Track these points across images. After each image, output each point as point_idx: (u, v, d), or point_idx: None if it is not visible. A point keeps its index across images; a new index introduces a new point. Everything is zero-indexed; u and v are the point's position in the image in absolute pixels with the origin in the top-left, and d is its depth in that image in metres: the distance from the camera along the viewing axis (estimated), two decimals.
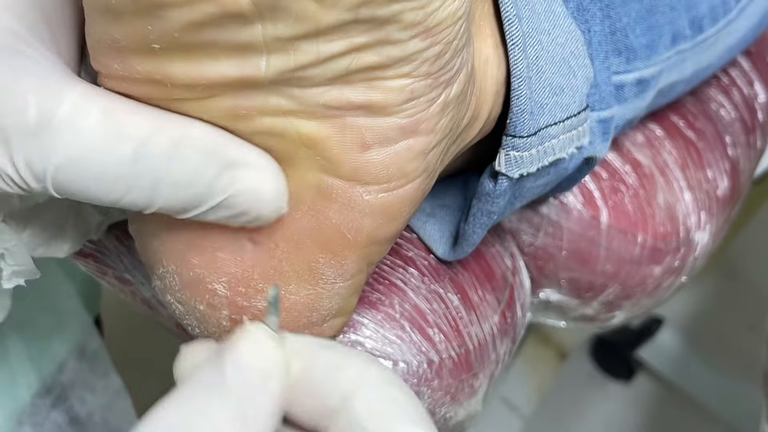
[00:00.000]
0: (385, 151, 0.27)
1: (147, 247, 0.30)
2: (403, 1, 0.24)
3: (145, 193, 0.25)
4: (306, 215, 0.28)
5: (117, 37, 0.24)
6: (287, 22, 0.23)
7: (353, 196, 0.27)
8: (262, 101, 0.25)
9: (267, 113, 0.26)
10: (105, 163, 0.24)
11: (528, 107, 0.34)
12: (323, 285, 0.29)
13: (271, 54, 0.24)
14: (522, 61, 0.33)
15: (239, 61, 0.24)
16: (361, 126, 0.26)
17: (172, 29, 0.23)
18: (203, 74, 0.24)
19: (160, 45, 0.24)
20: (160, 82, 0.25)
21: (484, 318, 0.43)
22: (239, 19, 0.23)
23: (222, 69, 0.24)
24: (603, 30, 0.38)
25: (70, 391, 0.50)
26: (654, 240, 0.49)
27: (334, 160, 0.27)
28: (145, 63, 0.24)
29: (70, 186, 0.24)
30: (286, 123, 0.26)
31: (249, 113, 0.26)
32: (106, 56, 0.25)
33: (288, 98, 0.25)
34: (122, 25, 0.24)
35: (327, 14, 0.23)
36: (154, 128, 0.24)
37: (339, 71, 0.25)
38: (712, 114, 0.54)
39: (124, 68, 0.25)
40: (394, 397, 0.24)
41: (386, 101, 0.26)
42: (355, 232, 0.28)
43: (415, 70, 0.26)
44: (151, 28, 0.23)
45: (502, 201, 0.36)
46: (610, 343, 1.14)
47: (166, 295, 0.31)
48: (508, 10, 0.33)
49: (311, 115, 0.26)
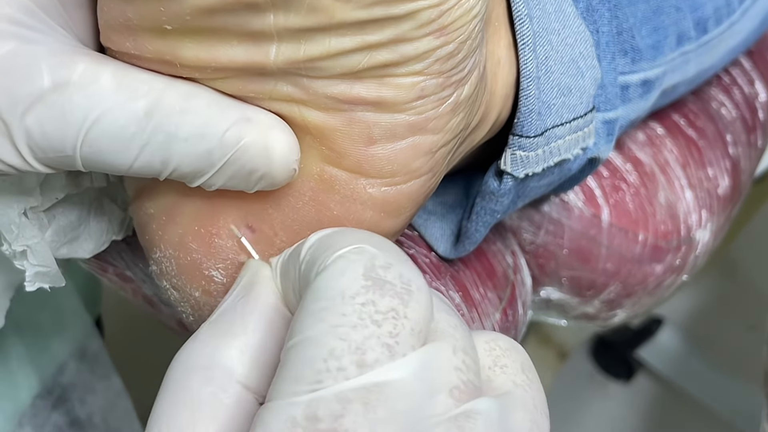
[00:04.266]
0: (391, 147, 0.27)
1: (145, 230, 0.30)
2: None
3: (160, 152, 0.25)
4: (307, 205, 0.28)
5: (130, 15, 0.24)
6: (299, 13, 0.23)
7: (356, 188, 0.27)
8: (271, 87, 0.25)
9: (275, 98, 0.26)
10: (119, 121, 0.24)
11: (536, 107, 0.34)
12: None
13: (281, 43, 0.24)
14: (532, 61, 0.33)
15: (249, 46, 0.24)
16: (369, 121, 0.26)
17: (184, 12, 0.23)
18: (213, 57, 0.24)
19: (172, 26, 0.24)
20: (170, 62, 0.25)
21: (486, 316, 0.43)
22: (252, 7, 0.23)
23: (232, 53, 0.24)
24: (611, 30, 0.38)
25: (71, 392, 0.50)
26: (655, 238, 0.49)
27: (339, 152, 0.27)
28: (156, 42, 0.25)
29: (87, 150, 0.25)
30: (294, 109, 0.26)
31: (257, 97, 0.26)
32: (118, 34, 0.25)
33: (297, 87, 0.25)
34: (136, 4, 0.24)
35: (341, 9, 0.23)
36: (165, 85, 0.25)
37: (350, 67, 0.25)
38: (713, 113, 0.54)
39: (135, 46, 0.25)
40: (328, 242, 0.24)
41: (396, 98, 0.26)
42: (355, 224, 0.28)
43: (428, 68, 0.26)
44: (163, 9, 0.23)
45: (506, 200, 0.36)
46: (610, 343, 1.14)
47: (162, 281, 0.31)
48: (520, 9, 0.33)
49: (319, 105, 0.26)
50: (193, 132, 0.25)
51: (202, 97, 0.25)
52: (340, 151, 0.27)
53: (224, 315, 0.25)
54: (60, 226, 0.32)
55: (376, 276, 0.22)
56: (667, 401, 1.12)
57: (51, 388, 0.49)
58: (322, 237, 0.24)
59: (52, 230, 0.32)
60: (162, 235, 0.29)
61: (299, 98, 0.26)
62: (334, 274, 0.22)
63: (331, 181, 0.27)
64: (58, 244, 0.32)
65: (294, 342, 0.22)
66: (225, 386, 0.24)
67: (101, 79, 0.24)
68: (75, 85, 0.24)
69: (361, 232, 0.25)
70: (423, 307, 0.22)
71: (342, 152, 0.27)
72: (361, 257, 0.23)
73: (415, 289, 0.22)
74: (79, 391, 0.50)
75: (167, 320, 0.44)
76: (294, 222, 0.28)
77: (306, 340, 0.21)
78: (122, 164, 0.25)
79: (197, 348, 0.24)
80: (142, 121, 0.24)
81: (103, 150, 0.25)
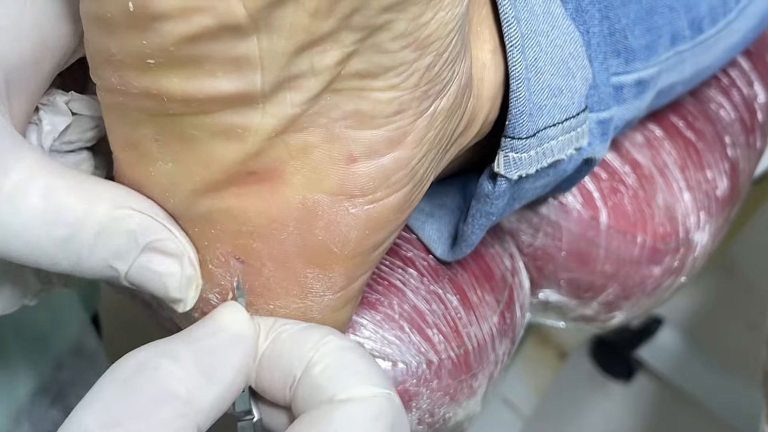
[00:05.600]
0: (372, 164, 0.27)
1: None
2: (394, 11, 0.24)
3: (72, 264, 0.26)
4: (291, 235, 0.28)
5: (113, 50, 0.24)
6: (282, 34, 0.23)
7: (339, 210, 0.27)
8: (258, 121, 0.25)
9: (260, 133, 0.26)
10: (39, 240, 0.25)
11: (527, 109, 0.33)
12: (312, 298, 0.29)
13: (265, 68, 0.24)
14: (521, 63, 0.33)
15: (235, 75, 0.24)
16: (348, 137, 0.26)
17: (168, 43, 0.23)
18: (199, 89, 0.24)
19: (156, 60, 0.23)
20: (156, 97, 0.24)
21: (483, 318, 0.43)
22: (235, 32, 0.23)
23: (218, 84, 0.24)
24: (602, 31, 0.38)
25: (69, 389, 0.50)
26: (653, 240, 0.49)
27: (321, 172, 0.27)
28: (141, 78, 0.24)
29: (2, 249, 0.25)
30: (278, 141, 0.26)
31: (243, 133, 0.25)
32: (103, 69, 0.25)
33: (281, 117, 0.25)
34: (117, 38, 0.23)
35: (321, 24, 0.23)
36: (86, 210, 0.25)
37: (330, 79, 0.25)
38: (711, 114, 0.54)
39: (121, 82, 0.25)
40: (351, 361, 0.26)
41: (374, 112, 0.26)
42: (341, 245, 0.28)
43: (404, 82, 0.26)
44: (146, 42, 0.23)
45: (501, 202, 0.36)
46: (610, 343, 1.14)
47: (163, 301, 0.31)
48: (507, 11, 0.33)
49: (300, 126, 0.26)
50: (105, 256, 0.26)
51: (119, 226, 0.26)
52: (322, 170, 0.27)
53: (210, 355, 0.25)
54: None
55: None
56: (667, 401, 1.12)
57: (49, 385, 0.49)
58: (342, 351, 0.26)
59: None
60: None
61: (283, 126, 0.26)
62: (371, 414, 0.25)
63: (314, 208, 0.27)
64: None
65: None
66: (190, 425, 0.24)
67: (29, 199, 0.24)
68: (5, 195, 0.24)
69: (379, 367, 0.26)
70: None
71: (324, 172, 0.27)
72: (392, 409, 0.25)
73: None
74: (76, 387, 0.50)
75: (165, 323, 0.44)
76: (280, 252, 0.28)
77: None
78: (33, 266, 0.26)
79: (179, 376, 0.24)
80: (60, 244, 0.25)
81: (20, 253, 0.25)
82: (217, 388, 0.25)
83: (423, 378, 0.39)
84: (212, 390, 0.25)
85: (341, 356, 0.26)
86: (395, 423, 0.25)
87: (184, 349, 0.25)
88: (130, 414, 0.23)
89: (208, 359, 0.25)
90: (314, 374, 0.25)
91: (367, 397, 0.25)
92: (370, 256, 0.29)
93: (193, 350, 0.25)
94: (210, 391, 0.25)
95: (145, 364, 0.24)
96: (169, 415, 0.24)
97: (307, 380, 0.25)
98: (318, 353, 0.26)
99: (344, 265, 0.29)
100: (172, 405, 0.24)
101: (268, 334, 0.27)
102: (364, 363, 0.26)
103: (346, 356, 0.26)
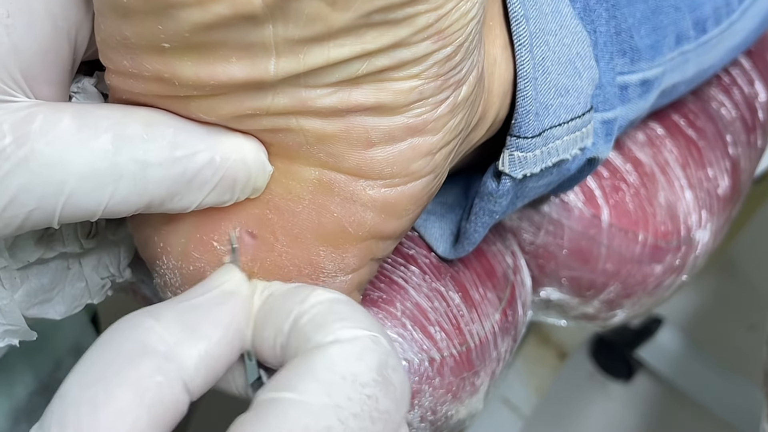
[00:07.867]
0: (390, 149, 0.27)
1: (147, 243, 0.30)
2: (416, 4, 0.24)
3: (135, 182, 0.25)
4: (307, 209, 0.27)
5: (127, 34, 0.24)
6: (298, 24, 0.23)
7: (355, 189, 0.27)
8: (268, 102, 0.25)
9: (272, 113, 0.26)
10: (87, 160, 0.24)
11: (533, 108, 0.33)
12: (323, 278, 0.29)
13: (280, 56, 0.24)
14: (528, 62, 0.33)
15: (248, 62, 0.24)
16: (367, 125, 0.26)
17: (183, 29, 0.23)
18: (212, 74, 0.24)
19: (170, 44, 0.23)
20: (168, 80, 0.24)
21: (486, 316, 0.43)
22: (250, 20, 0.23)
23: (231, 70, 0.24)
24: (608, 31, 0.38)
25: None
26: (655, 238, 0.49)
27: (338, 156, 0.27)
28: (154, 61, 0.24)
29: (60, 197, 0.24)
30: (291, 121, 0.26)
31: (254, 113, 0.25)
32: (115, 52, 0.25)
33: (294, 99, 0.25)
34: (133, 23, 0.23)
35: (339, 16, 0.23)
36: (124, 114, 0.25)
37: (348, 74, 0.25)
38: (713, 113, 0.54)
39: (133, 65, 0.25)
40: (338, 310, 0.25)
41: (395, 102, 0.26)
42: (356, 225, 0.28)
43: (425, 71, 0.25)
44: (161, 27, 0.23)
45: (505, 201, 0.36)
46: (610, 343, 1.14)
47: (167, 292, 0.31)
48: (516, 10, 0.33)
49: (316, 113, 0.26)
50: (163, 156, 0.25)
51: (163, 120, 0.25)
52: (339, 155, 0.26)
53: (195, 311, 0.25)
54: (32, 288, 0.31)
55: (386, 374, 0.24)
56: (667, 401, 1.12)
57: (48, 385, 0.48)
58: (331, 302, 0.25)
59: (24, 291, 0.31)
60: (164, 246, 0.29)
61: (296, 110, 0.25)
62: (352, 354, 0.23)
63: (330, 184, 0.27)
64: (29, 304, 0.31)
65: (287, 397, 0.22)
66: (173, 382, 0.23)
67: (61, 124, 0.24)
68: (36, 133, 0.24)
69: (369, 315, 0.26)
70: (403, 415, 0.24)
71: (340, 156, 0.27)
72: (377, 349, 0.24)
73: (406, 399, 0.24)
74: None
75: None
76: (294, 226, 0.28)
77: (303, 404, 0.22)
78: (97, 204, 0.25)
79: (158, 332, 0.24)
80: (110, 156, 0.24)
81: (74, 192, 0.24)
82: (203, 345, 0.24)
83: (425, 375, 0.39)
84: (197, 346, 0.24)
85: (329, 306, 0.25)
86: (382, 363, 0.24)
87: (169, 307, 0.25)
88: (108, 372, 0.23)
89: (193, 316, 0.25)
90: (301, 325, 0.25)
91: (350, 339, 0.24)
92: (384, 244, 0.29)
93: (179, 309, 0.25)
94: (194, 347, 0.24)
95: (126, 324, 0.24)
96: (147, 370, 0.23)
97: (294, 333, 0.25)
98: (306, 304, 0.25)
99: (357, 246, 0.28)
100: (150, 360, 0.23)
101: (262, 294, 0.27)
102: (351, 309, 0.25)
103: (334, 306, 0.25)
